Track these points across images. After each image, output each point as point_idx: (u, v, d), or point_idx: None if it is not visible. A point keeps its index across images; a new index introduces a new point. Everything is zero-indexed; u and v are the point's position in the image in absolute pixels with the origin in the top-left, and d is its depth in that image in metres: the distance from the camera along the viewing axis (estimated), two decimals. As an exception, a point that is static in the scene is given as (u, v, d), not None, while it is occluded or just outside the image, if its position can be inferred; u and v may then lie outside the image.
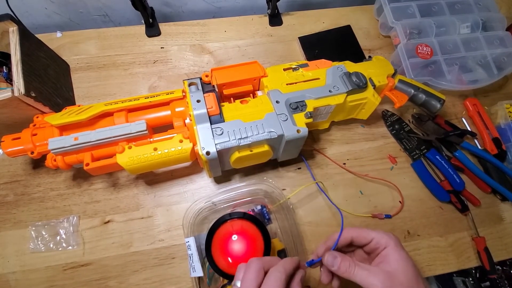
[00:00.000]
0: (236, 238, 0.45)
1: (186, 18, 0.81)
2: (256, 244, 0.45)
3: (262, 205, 0.54)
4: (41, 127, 0.50)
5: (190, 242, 0.49)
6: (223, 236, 0.46)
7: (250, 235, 0.46)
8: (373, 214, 0.56)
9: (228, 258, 0.45)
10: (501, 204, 0.61)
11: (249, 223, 0.47)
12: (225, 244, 0.45)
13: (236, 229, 0.46)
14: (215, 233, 0.47)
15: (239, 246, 0.45)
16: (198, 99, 0.48)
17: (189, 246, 0.49)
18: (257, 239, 0.46)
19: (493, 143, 0.63)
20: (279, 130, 0.47)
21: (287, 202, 0.53)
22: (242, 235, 0.46)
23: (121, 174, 0.58)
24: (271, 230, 0.53)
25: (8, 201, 0.55)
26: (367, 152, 0.62)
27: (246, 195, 0.53)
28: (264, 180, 0.57)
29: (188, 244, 0.49)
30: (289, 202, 0.54)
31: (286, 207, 0.53)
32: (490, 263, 0.55)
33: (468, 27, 0.69)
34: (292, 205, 0.56)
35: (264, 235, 0.46)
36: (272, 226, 0.54)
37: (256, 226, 0.47)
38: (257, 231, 0.47)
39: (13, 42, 0.49)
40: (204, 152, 0.45)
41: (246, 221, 0.47)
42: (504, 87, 0.72)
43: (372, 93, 0.54)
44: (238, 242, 0.45)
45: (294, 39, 0.72)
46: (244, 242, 0.45)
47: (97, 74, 0.65)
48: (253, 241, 0.46)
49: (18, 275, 0.51)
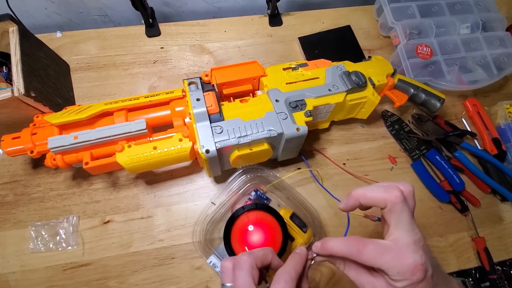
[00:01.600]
0: (252, 228, 0.46)
1: (186, 18, 0.81)
2: (274, 230, 0.46)
3: (255, 189, 0.55)
4: (41, 126, 0.50)
5: (213, 260, 0.51)
6: (241, 229, 0.47)
7: (266, 223, 0.47)
8: (365, 214, 0.56)
9: (245, 247, 0.46)
10: (501, 205, 0.61)
11: (263, 212, 0.48)
12: (243, 236, 0.46)
13: (252, 219, 0.47)
14: (232, 228, 0.47)
15: (257, 235, 0.46)
16: (198, 97, 0.48)
17: (215, 265, 0.50)
18: (273, 226, 0.47)
19: (493, 143, 0.63)
20: (278, 128, 0.47)
21: (283, 182, 0.55)
22: (258, 225, 0.47)
23: (120, 174, 0.58)
24: (274, 206, 0.54)
25: (8, 201, 0.55)
26: (367, 152, 0.62)
27: (241, 185, 0.54)
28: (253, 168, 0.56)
29: (213, 263, 0.51)
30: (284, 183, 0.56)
31: (283, 186, 0.55)
32: (490, 264, 0.55)
33: (468, 28, 0.69)
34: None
35: (279, 220, 0.47)
36: (273, 202, 0.56)
37: (269, 213, 0.48)
38: (271, 218, 0.47)
39: (13, 42, 0.49)
40: (204, 150, 0.45)
41: (259, 211, 0.48)
42: (504, 88, 0.72)
43: (372, 92, 0.54)
44: (255, 232, 0.46)
45: (294, 39, 0.72)
46: (261, 231, 0.46)
47: (97, 74, 0.65)
48: (269, 228, 0.46)
49: (18, 275, 0.51)
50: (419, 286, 0.29)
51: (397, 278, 0.29)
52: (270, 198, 0.56)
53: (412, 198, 0.33)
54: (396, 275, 0.29)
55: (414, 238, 0.30)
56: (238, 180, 0.54)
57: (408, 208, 0.31)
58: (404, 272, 0.29)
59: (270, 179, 0.55)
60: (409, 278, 0.29)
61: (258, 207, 0.48)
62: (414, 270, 0.29)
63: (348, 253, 0.31)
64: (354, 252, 0.31)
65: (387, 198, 0.31)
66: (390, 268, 0.29)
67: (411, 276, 0.29)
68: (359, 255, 0.30)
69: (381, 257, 0.30)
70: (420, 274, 0.29)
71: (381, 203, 0.32)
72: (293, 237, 0.49)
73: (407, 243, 0.30)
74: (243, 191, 0.54)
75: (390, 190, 0.31)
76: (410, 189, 0.33)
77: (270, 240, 0.46)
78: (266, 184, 0.55)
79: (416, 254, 0.29)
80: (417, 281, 0.29)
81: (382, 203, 0.32)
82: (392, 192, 0.31)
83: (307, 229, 0.50)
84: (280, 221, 0.47)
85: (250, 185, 0.54)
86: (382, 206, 0.32)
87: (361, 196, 0.33)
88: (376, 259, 0.30)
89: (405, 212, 0.31)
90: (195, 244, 0.52)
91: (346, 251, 0.31)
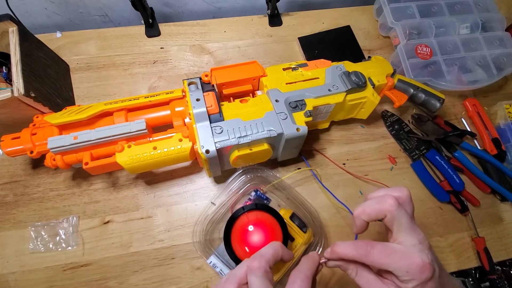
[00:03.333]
0: (252, 228, 0.46)
1: (186, 18, 0.81)
2: (274, 230, 0.46)
3: (255, 189, 0.55)
4: (40, 126, 0.50)
5: (213, 260, 0.50)
6: (241, 229, 0.46)
7: (266, 223, 0.47)
8: None
9: (245, 247, 0.45)
10: (500, 205, 0.61)
11: (263, 212, 0.48)
12: (244, 237, 0.46)
13: (252, 219, 0.47)
14: (232, 228, 0.47)
15: (257, 235, 0.46)
16: (198, 97, 0.48)
17: (215, 265, 0.50)
18: (273, 226, 0.47)
19: (492, 143, 0.63)
20: (278, 128, 0.47)
21: (283, 182, 0.55)
22: (259, 225, 0.46)
23: (120, 174, 0.58)
24: (274, 206, 0.54)
25: (8, 202, 0.55)
26: (367, 153, 0.62)
27: (241, 185, 0.54)
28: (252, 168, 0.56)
29: (213, 263, 0.50)
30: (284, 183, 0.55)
31: (282, 186, 0.55)
32: (489, 264, 0.55)
33: (467, 28, 0.69)
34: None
35: (279, 221, 0.47)
36: (273, 202, 0.56)
37: (269, 214, 0.47)
38: (271, 218, 0.47)
39: (13, 42, 0.49)
40: (204, 150, 0.45)
41: (259, 211, 0.48)
42: (503, 88, 0.72)
43: (372, 92, 0.54)
44: (256, 232, 0.46)
45: (294, 39, 0.72)
46: (261, 231, 0.46)
47: (97, 74, 0.65)
48: (269, 228, 0.46)
49: (18, 276, 0.51)
50: (428, 285, 0.29)
51: (406, 278, 0.29)
52: (270, 198, 0.56)
53: (409, 202, 0.34)
54: (404, 275, 0.29)
55: (418, 238, 0.31)
56: (238, 180, 0.54)
57: (405, 212, 0.32)
58: (412, 271, 0.29)
59: (270, 179, 0.55)
60: (418, 277, 0.29)
61: (258, 207, 0.48)
62: (422, 268, 0.29)
63: (357, 255, 0.31)
64: (362, 254, 0.31)
65: (383, 208, 0.32)
66: (398, 268, 0.30)
67: (420, 275, 0.29)
68: (367, 257, 0.31)
69: (389, 257, 0.30)
70: (429, 272, 0.29)
71: (380, 215, 0.32)
72: (293, 237, 0.49)
73: (412, 243, 0.31)
74: (243, 191, 0.54)
75: (383, 201, 0.32)
76: (406, 193, 0.34)
77: (270, 241, 0.45)
78: (266, 184, 0.55)
79: (422, 253, 0.30)
80: (426, 280, 0.29)
81: (381, 215, 0.32)
82: (386, 201, 0.32)
83: (307, 229, 0.50)
84: (280, 222, 0.47)
85: (250, 185, 0.54)
86: (381, 217, 0.32)
87: (362, 214, 0.33)
88: (384, 259, 0.30)
89: (404, 217, 0.32)
90: (195, 245, 0.52)
91: (355, 253, 0.31)
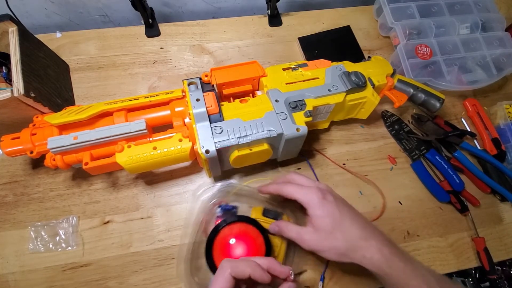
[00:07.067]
0: (234, 241, 0.46)
1: (186, 18, 0.81)
2: (256, 242, 0.46)
3: (219, 204, 0.53)
4: (40, 127, 0.50)
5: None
6: (222, 247, 0.46)
7: (249, 235, 0.46)
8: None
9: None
10: (500, 205, 0.61)
11: (237, 223, 0.48)
12: (227, 253, 0.45)
13: (234, 232, 0.47)
14: (213, 251, 0.46)
15: (239, 248, 0.45)
16: (198, 97, 0.48)
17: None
18: (252, 233, 0.47)
19: (492, 143, 0.63)
20: (278, 128, 0.47)
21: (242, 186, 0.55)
22: (239, 237, 0.46)
23: (120, 174, 0.58)
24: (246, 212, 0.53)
25: (8, 202, 0.55)
26: (367, 153, 0.62)
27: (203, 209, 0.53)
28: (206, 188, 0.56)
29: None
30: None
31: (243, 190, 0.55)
32: (489, 264, 0.54)
33: (467, 28, 0.69)
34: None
35: (256, 225, 0.47)
36: (242, 208, 0.54)
37: (244, 222, 0.48)
38: (246, 225, 0.47)
39: (13, 43, 0.49)
40: (204, 150, 0.45)
41: (233, 224, 0.48)
42: (503, 88, 0.72)
43: (371, 92, 0.54)
44: (238, 244, 0.45)
45: (294, 39, 0.72)
46: (243, 243, 0.46)
47: (96, 74, 0.65)
48: (252, 240, 0.46)
49: (18, 276, 0.51)
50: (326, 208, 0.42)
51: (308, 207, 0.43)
52: (236, 206, 0.54)
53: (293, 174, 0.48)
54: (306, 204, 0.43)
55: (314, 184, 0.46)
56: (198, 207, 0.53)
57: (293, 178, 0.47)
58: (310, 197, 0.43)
59: (228, 189, 0.54)
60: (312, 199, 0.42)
61: (228, 222, 0.48)
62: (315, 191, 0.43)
63: (278, 189, 0.46)
64: (279, 189, 0.46)
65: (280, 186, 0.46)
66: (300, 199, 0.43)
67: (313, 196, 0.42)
68: (281, 190, 0.45)
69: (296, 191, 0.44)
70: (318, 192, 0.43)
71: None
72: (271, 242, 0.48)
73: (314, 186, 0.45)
74: (208, 213, 0.52)
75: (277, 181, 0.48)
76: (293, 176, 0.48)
77: (254, 248, 0.45)
78: (227, 195, 0.54)
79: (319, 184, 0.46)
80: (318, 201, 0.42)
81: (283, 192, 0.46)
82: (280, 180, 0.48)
83: (281, 216, 0.50)
84: (256, 225, 0.47)
85: (211, 204, 0.53)
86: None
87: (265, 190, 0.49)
88: (293, 193, 0.44)
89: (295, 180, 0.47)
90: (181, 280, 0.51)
91: (276, 188, 0.46)
